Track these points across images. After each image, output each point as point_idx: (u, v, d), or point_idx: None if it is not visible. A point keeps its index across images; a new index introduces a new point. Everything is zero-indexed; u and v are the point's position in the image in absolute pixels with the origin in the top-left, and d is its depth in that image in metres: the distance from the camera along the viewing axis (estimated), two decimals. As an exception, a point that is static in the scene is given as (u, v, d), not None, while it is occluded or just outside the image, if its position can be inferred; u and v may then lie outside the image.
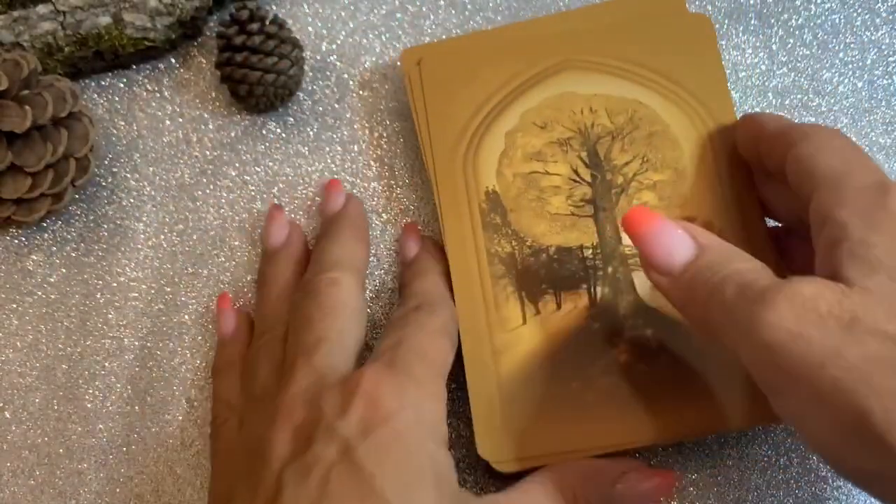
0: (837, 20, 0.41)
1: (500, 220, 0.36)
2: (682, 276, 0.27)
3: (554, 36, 0.38)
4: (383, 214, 0.39)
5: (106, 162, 0.40)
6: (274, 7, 0.42)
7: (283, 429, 0.28)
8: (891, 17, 0.41)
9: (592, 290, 0.35)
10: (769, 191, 0.34)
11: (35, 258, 0.39)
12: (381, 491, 0.26)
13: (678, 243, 0.27)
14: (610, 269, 0.35)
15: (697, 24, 0.37)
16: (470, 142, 0.37)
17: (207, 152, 0.40)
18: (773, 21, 0.41)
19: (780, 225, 0.35)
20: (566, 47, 0.37)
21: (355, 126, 0.41)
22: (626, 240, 0.35)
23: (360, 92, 0.41)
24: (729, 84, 0.40)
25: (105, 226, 0.40)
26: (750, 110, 0.40)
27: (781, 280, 0.24)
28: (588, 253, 0.35)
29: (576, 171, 0.36)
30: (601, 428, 0.32)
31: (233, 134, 0.41)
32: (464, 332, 0.34)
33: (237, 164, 0.40)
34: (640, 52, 0.37)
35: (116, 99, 0.41)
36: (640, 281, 0.34)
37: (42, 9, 0.39)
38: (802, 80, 0.40)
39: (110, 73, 0.41)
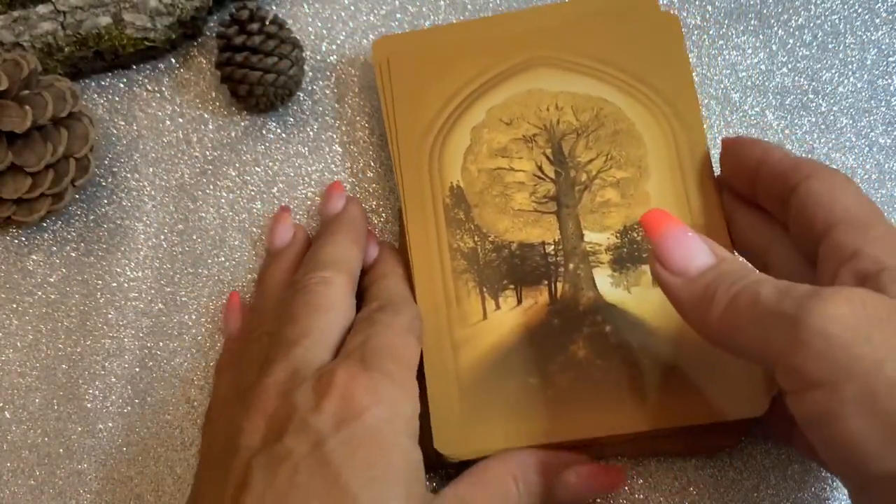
0: (837, 20, 0.41)
1: (464, 216, 0.36)
2: (699, 279, 0.27)
3: (523, 32, 0.38)
4: (382, 214, 0.39)
5: (106, 162, 0.40)
6: (274, 7, 0.42)
7: (256, 418, 0.28)
8: (891, 17, 0.41)
9: (553, 286, 0.35)
10: (738, 215, 0.34)
11: (35, 258, 0.39)
12: (347, 485, 0.26)
13: (698, 249, 0.28)
14: (571, 266, 0.35)
15: (666, 24, 0.37)
16: (436, 136, 0.37)
17: (207, 152, 0.40)
18: (773, 21, 0.41)
19: None
20: (535, 44, 0.38)
21: (355, 126, 0.41)
22: (587, 237, 0.35)
23: (360, 92, 0.41)
24: (729, 84, 0.40)
25: (105, 226, 0.40)
26: (749, 110, 0.40)
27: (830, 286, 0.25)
28: (550, 249, 0.35)
29: (540, 168, 0.36)
30: (558, 423, 0.33)
31: (233, 134, 0.41)
32: (424, 327, 0.34)
33: (237, 164, 0.40)
34: (608, 50, 0.37)
35: (116, 99, 0.41)
36: (601, 278, 0.35)
37: (42, 9, 0.39)
38: (802, 80, 0.40)
39: (110, 73, 0.41)
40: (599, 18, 0.38)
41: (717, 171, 0.36)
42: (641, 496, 0.35)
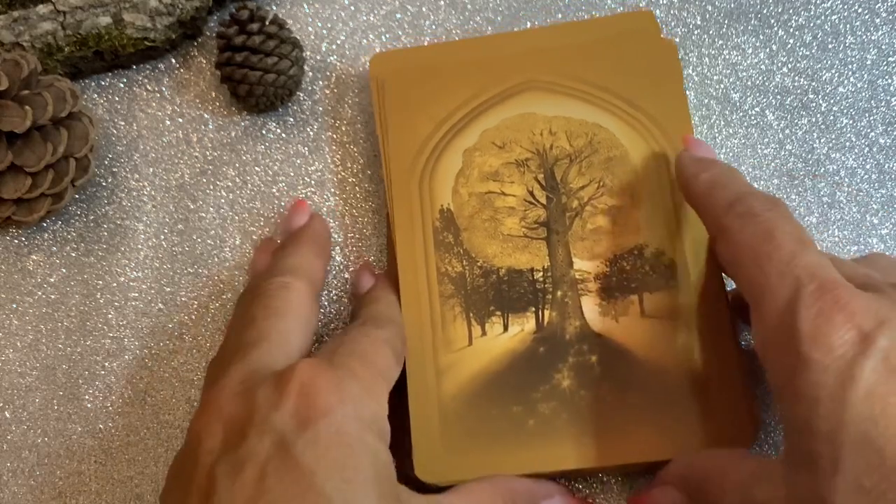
0: (837, 20, 0.41)
1: (453, 240, 0.36)
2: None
3: (519, 55, 0.38)
4: (382, 214, 0.39)
5: (106, 162, 0.40)
6: (274, 7, 0.42)
7: (213, 421, 0.27)
8: (891, 17, 0.41)
9: (540, 313, 0.34)
10: None
11: (35, 258, 0.39)
12: (322, 487, 0.25)
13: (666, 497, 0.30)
14: (559, 293, 0.35)
15: (663, 50, 0.37)
16: (428, 158, 0.37)
17: (207, 152, 0.40)
18: (773, 21, 0.41)
19: None
20: (531, 67, 0.37)
21: (355, 126, 0.41)
22: (577, 264, 0.35)
23: (361, 92, 0.41)
24: (729, 84, 0.40)
25: (105, 226, 0.40)
26: (750, 110, 0.40)
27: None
28: (538, 276, 0.35)
29: (531, 193, 0.36)
30: (540, 453, 0.32)
31: (233, 134, 0.41)
32: (408, 351, 0.33)
33: (237, 164, 0.40)
34: (604, 76, 0.37)
35: (116, 99, 0.41)
36: (589, 306, 0.34)
37: (42, 9, 0.39)
38: (802, 80, 0.40)
39: (110, 73, 0.41)
40: (597, 43, 0.38)
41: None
42: (641, 496, 0.35)
